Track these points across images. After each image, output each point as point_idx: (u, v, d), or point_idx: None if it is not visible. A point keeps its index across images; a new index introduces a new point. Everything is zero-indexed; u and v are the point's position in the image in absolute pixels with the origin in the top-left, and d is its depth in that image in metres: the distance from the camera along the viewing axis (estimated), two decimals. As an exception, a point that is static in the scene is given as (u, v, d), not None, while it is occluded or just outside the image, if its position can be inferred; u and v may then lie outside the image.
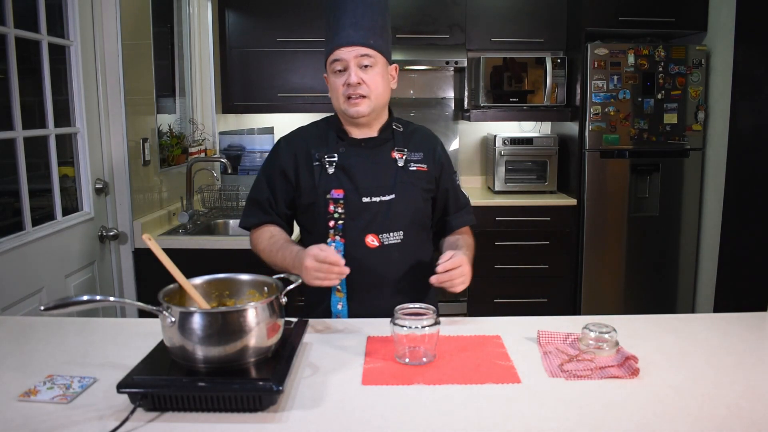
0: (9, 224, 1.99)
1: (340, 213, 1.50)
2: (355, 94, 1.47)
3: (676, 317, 1.47)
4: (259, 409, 1.00)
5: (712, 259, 3.42)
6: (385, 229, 1.51)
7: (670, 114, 3.42)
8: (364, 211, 1.50)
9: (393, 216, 1.51)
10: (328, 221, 1.50)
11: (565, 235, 3.50)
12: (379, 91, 1.50)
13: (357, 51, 1.46)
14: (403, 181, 1.53)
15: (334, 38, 1.48)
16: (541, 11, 3.62)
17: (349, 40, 1.46)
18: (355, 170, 1.52)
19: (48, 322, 1.43)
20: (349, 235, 1.50)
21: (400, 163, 1.54)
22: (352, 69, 1.46)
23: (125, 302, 1.11)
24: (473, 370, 1.16)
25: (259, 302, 1.07)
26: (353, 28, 1.46)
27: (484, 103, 3.62)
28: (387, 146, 1.56)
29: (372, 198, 1.50)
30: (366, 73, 1.47)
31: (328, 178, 1.52)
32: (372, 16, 1.48)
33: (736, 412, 0.99)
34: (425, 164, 1.57)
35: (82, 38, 2.26)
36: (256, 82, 3.60)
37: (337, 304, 1.53)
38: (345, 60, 1.46)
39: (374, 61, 1.48)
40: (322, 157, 1.53)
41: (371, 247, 1.50)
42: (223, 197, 3.16)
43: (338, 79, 1.49)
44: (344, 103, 1.49)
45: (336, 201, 1.50)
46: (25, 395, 1.06)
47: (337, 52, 1.47)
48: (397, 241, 1.52)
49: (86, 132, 2.30)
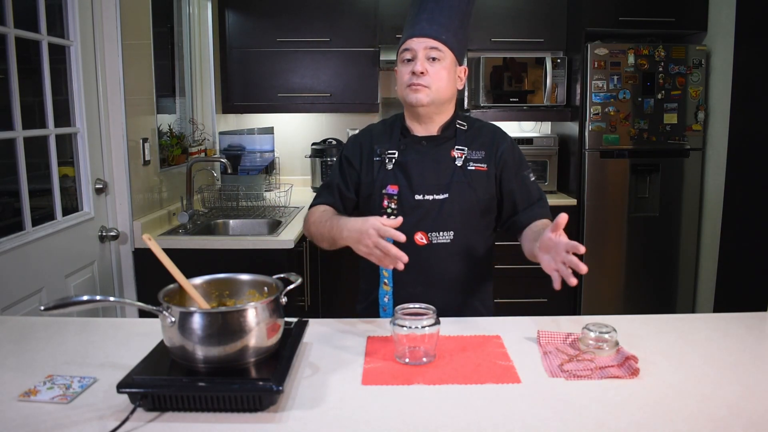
0: (9, 224, 1.99)
1: (393, 209, 1.53)
2: (417, 83, 1.49)
3: (676, 317, 1.47)
4: (259, 409, 1.00)
5: (712, 259, 3.42)
6: (435, 228, 1.52)
7: (670, 114, 3.43)
8: (416, 209, 1.52)
9: (444, 215, 1.52)
10: (381, 216, 1.50)
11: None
12: (441, 84, 1.51)
13: (427, 43, 1.48)
14: (459, 181, 1.53)
15: (408, 30, 1.52)
16: (541, 11, 3.62)
17: (422, 32, 1.49)
18: (412, 167, 1.54)
19: (48, 322, 1.43)
20: (399, 230, 1.50)
21: (459, 162, 1.54)
22: (420, 59, 1.48)
23: (125, 302, 1.11)
24: (473, 370, 1.16)
25: (259, 302, 1.06)
26: (428, 22, 1.50)
27: (484, 103, 3.62)
28: (448, 144, 1.57)
29: (425, 196, 1.52)
30: (432, 66, 1.49)
31: (386, 174, 1.55)
32: (450, 15, 1.51)
33: (736, 412, 0.99)
34: (485, 164, 1.55)
35: (82, 38, 2.26)
36: (256, 82, 3.60)
37: (384, 296, 1.56)
38: (414, 50, 1.49)
39: (443, 55, 1.49)
40: (383, 153, 1.57)
41: (419, 245, 1.51)
42: (223, 197, 3.16)
43: (405, 68, 1.52)
44: (405, 89, 1.51)
45: (390, 196, 1.53)
46: (25, 395, 1.06)
47: (408, 41, 1.50)
48: (446, 240, 1.52)
49: (86, 132, 2.30)
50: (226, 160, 2.92)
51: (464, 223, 1.54)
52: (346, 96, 3.63)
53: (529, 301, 3.53)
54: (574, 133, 3.56)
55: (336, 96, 3.64)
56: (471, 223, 1.55)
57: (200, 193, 3.10)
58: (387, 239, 1.31)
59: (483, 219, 1.58)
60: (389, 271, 1.53)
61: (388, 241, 1.35)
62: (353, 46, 3.57)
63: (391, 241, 1.46)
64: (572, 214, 3.48)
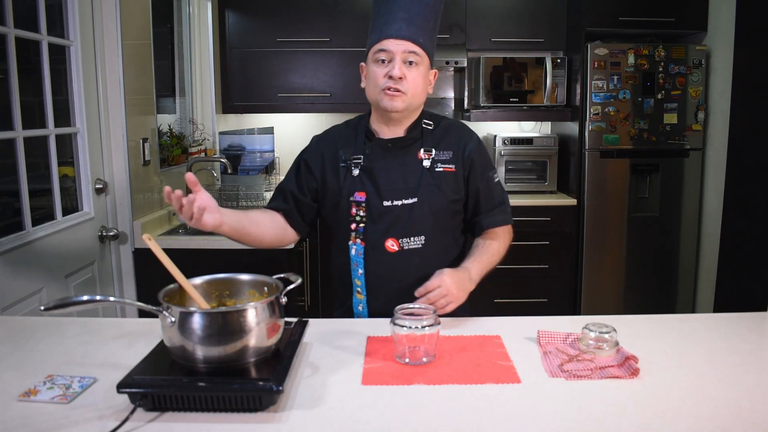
0: (9, 224, 1.99)
1: (362, 216, 1.49)
2: (395, 88, 1.43)
3: (676, 317, 1.47)
4: (259, 409, 1.00)
5: (712, 259, 3.42)
6: (406, 234, 1.48)
7: (670, 114, 3.43)
8: (385, 215, 1.48)
9: (414, 220, 1.48)
10: (350, 224, 1.50)
11: (565, 235, 3.50)
12: (417, 90, 1.46)
13: (406, 46, 1.43)
14: (427, 184, 1.49)
15: (383, 28, 1.44)
16: (541, 11, 3.62)
17: (400, 33, 1.43)
18: (379, 173, 1.50)
19: (48, 322, 1.43)
20: (369, 238, 1.48)
21: (427, 164, 1.50)
22: (398, 62, 1.42)
23: (125, 302, 1.11)
24: (473, 370, 1.16)
25: (259, 302, 1.06)
26: (406, 22, 1.43)
27: (484, 103, 3.62)
28: (415, 146, 1.52)
29: (393, 202, 1.48)
30: (409, 71, 1.44)
31: (353, 180, 1.51)
32: (425, 16, 1.45)
33: (736, 412, 0.99)
34: (453, 164, 1.52)
35: (82, 38, 2.26)
36: (256, 82, 3.61)
37: (358, 305, 1.53)
38: (392, 52, 1.43)
39: (420, 60, 1.45)
40: (348, 158, 1.52)
41: (391, 252, 1.48)
42: (223, 197, 3.16)
43: (380, 69, 1.45)
44: (380, 93, 1.45)
45: (358, 204, 1.49)
46: (25, 395, 1.06)
47: (385, 42, 1.43)
48: (417, 246, 1.49)
49: (86, 132, 2.30)
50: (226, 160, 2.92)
51: (435, 227, 1.50)
52: (346, 96, 3.63)
53: (529, 301, 3.54)
54: (574, 133, 3.56)
55: (336, 96, 3.64)
56: (442, 226, 1.52)
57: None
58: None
59: (453, 220, 1.55)
60: (362, 279, 1.50)
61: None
62: (353, 46, 3.57)
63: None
64: (572, 214, 3.49)
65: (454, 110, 4.03)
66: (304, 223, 1.59)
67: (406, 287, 1.46)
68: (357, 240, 1.49)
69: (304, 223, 1.59)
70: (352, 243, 1.50)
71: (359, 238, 1.49)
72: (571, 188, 3.60)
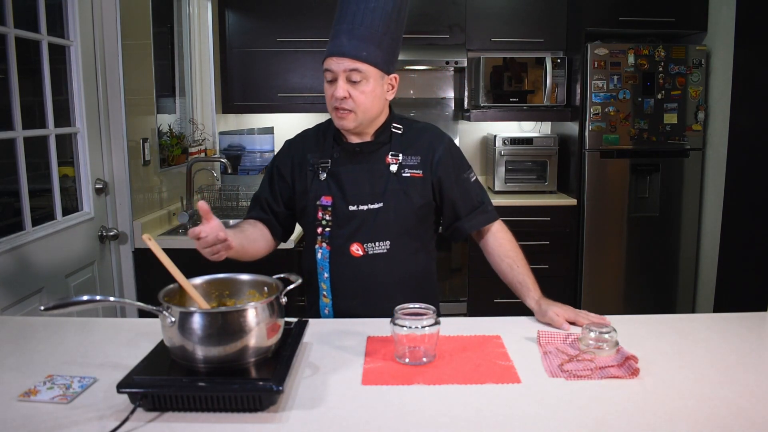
0: (9, 224, 1.99)
1: (328, 220, 1.49)
2: (341, 107, 1.42)
3: (676, 317, 1.47)
4: (259, 409, 1.00)
5: (712, 259, 3.42)
6: (371, 239, 1.48)
7: (670, 114, 3.43)
8: (350, 220, 1.48)
9: (379, 225, 1.48)
10: (316, 227, 1.50)
11: (565, 235, 3.49)
12: (366, 105, 1.43)
13: (347, 64, 1.39)
14: (393, 189, 1.48)
15: (329, 44, 1.43)
16: (541, 11, 3.62)
17: (341, 50, 1.40)
18: (345, 177, 1.50)
19: (48, 322, 1.43)
20: (334, 242, 1.49)
21: (393, 169, 1.49)
22: (340, 82, 1.41)
23: (125, 302, 1.11)
24: (473, 370, 1.16)
25: (259, 302, 1.07)
26: (348, 36, 1.40)
27: (484, 103, 3.62)
28: (383, 151, 1.51)
29: (359, 206, 1.48)
30: (354, 88, 1.41)
31: (320, 184, 1.51)
32: (372, 23, 1.40)
33: (736, 412, 0.99)
34: (421, 170, 1.50)
35: (82, 38, 2.26)
36: (256, 82, 3.60)
37: (324, 309, 1.54)
38: (334, 72, 1.41)
39: (364, 75, 1.40)
40: (316, 162, 1.53)
41: (355, 256, 1.48)
42: (223, 197, 3.16)
43: (328, 88, 1.44)
44: (332, 112, 1.47)
45: (324, 208, 1.49)
46: (25, 395, 1.06)
47: (328, 60, 1.42)
48: (382, 250, 1.48)
49: (86, 132, 2.30)
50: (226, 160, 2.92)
51: (400, 232, 1.49)
52: (346, 96, 3.62)
53: (529, 301, 3.53)
54: (574, 133, 3.56)
55: (336, 96, 3.63)
56: (407, 231, 1.51)
57: (200, 193, 3.10)
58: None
59: (420, 225, 1.54)
60: (327, 283, 1.50)
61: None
62: (353, 46, 3.56)
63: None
64: (572, 214, 3.49)
65: (454, 110, 4.03)
66: (282, 230, 1.61)
67: (370, 291, 1.48)
68: (323, 244, 1.49)
69: (282, 230, 1.61)
70: (318, 247, 1.50)
71: (325, 242, 1.49)
72: (571, 188, 3.60)
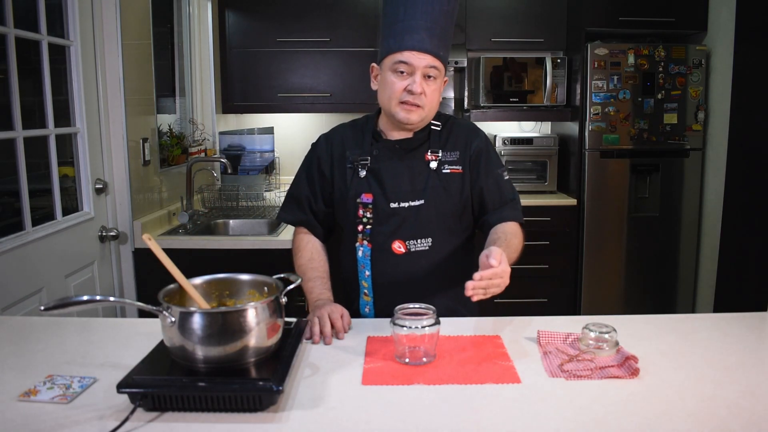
0: (9, 224, 1.99)
1: (369, 218, 1.48)
2: (413, 102, 1.41)
3: (676, 317, 1.47)
4: (259, 409, 1.00)
5: (712, 259, 3.42)
6: (413, 236, 1.47)
7: (670, 114, 3.42)
8: (391, 217, 1.47)
9: (421, 222, 1.47)
10: (356, 225, 1.49)
11: (565, 235, 3.49)
12: (434, 103, 1.45)
13: (428, 60, 1.39)
14: (434, 186, 1.48)
15: (405, 36, 1.39)
16: (541, 11, 3.62)
17: (423, 46, 1.38)
18: (386, 174, 1.49)
19: (48, 322, 1.43)
20: (375, 240, 1.48)
21: (434, 166, 1.48)
22: (418, 77, 1.40)
23: (125, 302, 1.11)
24: (473, 370, 1.16)
25: (259, 302, 1.06)
26: (428, 33, 1.38)
27: (484, 103, 3.62)
28: (422, 148, 1.50)
29: (400, 204, 1.47)
30: (428, 85, 1.42)
31: (359, 182, 1.50)
32: (445, 25, 1.42)
33: (736, 412, 0.99)
34: (460, 165, 1.50)
35: (82, 38, 2.26)
36: (256, 82, 3.60)
37: (365, 307, 1.54)
38: (413, 66, 1.39)
39: (439, 74, 1.42)
40: (355, 160, 1.51)
41: (398, 254, 1.48)
42: (223, 197, 3.16)
43: (398, 81, 1.41)
44: (397, 106, 1.43)
45: (365, 205, 1.48)
46: (25, 395, 1.06)
47: (407, 54, 1.39)
48: (425, 248, 1.48)
49: (86, 132, 2.30)
50: (226, 160, 2.92)
51: (442, 228, 1.49)
52: (346, 96, 3.63)
53: (529, 301, 3.53)
54: (574, 133, 3.56)
55: (336, 96, 3.63)
56: (449, 228, 1.51)
57: (200, 193, 3.10)
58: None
59: (461, 222, 1.54)
60: (368, 281, 1.50)
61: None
62: (353, 46, 3.56)
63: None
64: (572, 214, 3.49)
65: (454, 110, 4.03)
66: (323, 230, 1.61)
67: (412, 289, 1.45)
68: (364, 242, 1.49)
69: (323, 230, 1.61)
70: (359, 245, 1.50)
71: (366, 240, 1.49)
72: (571, 188, 3.60)
